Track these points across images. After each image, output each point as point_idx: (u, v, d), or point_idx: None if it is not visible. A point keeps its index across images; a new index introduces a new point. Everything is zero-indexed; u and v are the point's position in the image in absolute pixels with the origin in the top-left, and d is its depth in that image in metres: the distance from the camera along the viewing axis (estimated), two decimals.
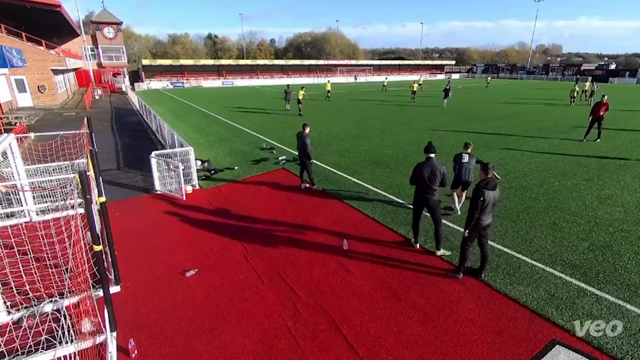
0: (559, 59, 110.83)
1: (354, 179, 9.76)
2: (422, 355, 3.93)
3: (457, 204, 7.67)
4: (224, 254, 6.18)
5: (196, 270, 5.60)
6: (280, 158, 11.97)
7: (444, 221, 6.73)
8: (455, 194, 7.66)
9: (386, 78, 48.82)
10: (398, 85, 49.94)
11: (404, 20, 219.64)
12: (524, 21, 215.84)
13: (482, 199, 4.79)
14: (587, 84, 31.31)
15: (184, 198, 8.62)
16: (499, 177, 6.81)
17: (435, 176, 5.63)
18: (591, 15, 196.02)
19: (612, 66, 78.44)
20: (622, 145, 14.03)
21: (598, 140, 14.39)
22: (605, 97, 14.59)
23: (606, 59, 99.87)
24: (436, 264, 5.73)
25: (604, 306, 4.67)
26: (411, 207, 6.43)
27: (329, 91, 32.59)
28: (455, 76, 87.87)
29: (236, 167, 11.12)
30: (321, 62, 79.11)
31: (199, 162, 10.70)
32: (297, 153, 9.49)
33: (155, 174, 9.10)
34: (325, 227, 7.11)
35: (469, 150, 7.37)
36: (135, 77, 55.33)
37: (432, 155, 5.79)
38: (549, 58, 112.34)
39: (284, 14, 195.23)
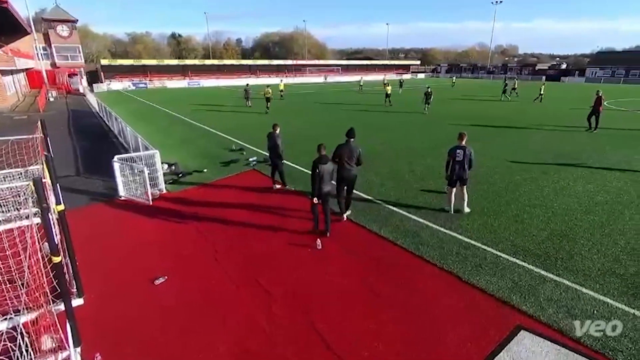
0: (516, 59, 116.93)
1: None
2: (399, 350, 4.01)
3: (452, 204, 7.50)
4: (195, 258, 6.01)
5: (166, 277, 5.41)
6: (250, 159, 11.81)
7: (423, 220, 6.87)
8: (452, 192, 7.41)
9: (362, 78, 49.65)
10: (371, 85, 50.66)
11: (370, 21, 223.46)
12: (483, 23, 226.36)
13: (317, 171, 6.26)
14: (516, 82, 35.76)
15: (151, 203, 8.29)
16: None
17: (353, 155, 6.90)
18: (544, 18, 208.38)
19: (563, 66, 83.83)
20: (575, 140, 15.04)
21: (596, 130, 16.38)
22: (600, 92, 16.66)
23: (558, 59, 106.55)
24: (413, 263, 5.87)
25: (562, 291, 4.98)
26: (380, 202, 6.57)
27: (281, 90, 33.39)
28: (420, 75, 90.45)
29: (205, 170, 10.84)
30: (289, 62, 78.88)
31: (166, 166, 10.34)
32: (267, 154, 9.41)
33: (119, 179, 8.70)
34: (299, 227, 7.08)
35: (464, 142, 7.18)
36: (93, 78, 52.55)
37: (352, 139, 6.99)
38: (507, 58, 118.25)
39: (250, 14, 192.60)
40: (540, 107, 26.77)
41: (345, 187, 7.25)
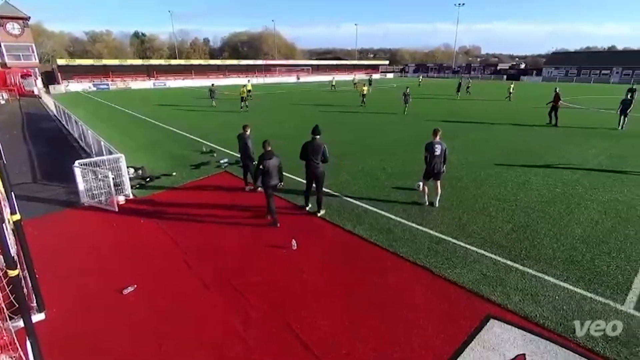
0: (479, 59, 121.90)
1: (298, 179, 9.78)
2: (376, 346, 4.07)
3: (426, 196, 7.89)
4: (166, 265, 5.81)
5: (135, 286, 5.19)
6: (222, 161, 11.58)
7: (396, 217, 7.00)
8: (425, 186, 7.80)
9: (334, 78, 50.88)
10: (343, 84, 51.12)
11: (339, 21, 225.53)
12: (448, 24, 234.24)
13: (261, 167, 6.70)
14: (470, 81, 38.64)
15: (117, 209, 7.93)
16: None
17: (318, 152, 7.06)
18: (502, 20, 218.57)
19: (522, 66, 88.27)
20: (536, 136, 15.89)
21: (552, 124, 17.98)
22: (557, 89, 18.80)
23: (517, 59, 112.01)
24: (387, 259, 5.97)
25: (527, 279, 5.24)
26: (353, 200, 6.63)
27: (249, 91, 32.79)
28: (389, 75, 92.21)
29: (174, 173, 10.52)
30: (259, 62, 78.06)
31: (132, 170, 9.93)
32: (239, 155, 9.26)
33: (81, 185, 8.26)
34: (273, 228, 7.03)
35: (438, 138, 7.53)
36: (50, 79, 49.57)
37: (317, 136, 7.13)
38: (470, 58, 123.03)
39: (217, 13, 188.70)
40: (506, 105, 28.08)
41: (315, 185, 7.42)
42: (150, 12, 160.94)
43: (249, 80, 38.86)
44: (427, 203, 7.89)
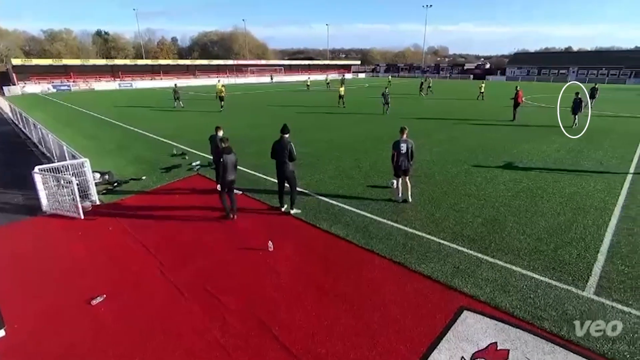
0: (446, 59, 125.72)
1: (274, 180, 9.70)
2: (354, 343, 4.10)
3: (399, 193, 8.06)
4: (137, 272, 5.60)
5: (104, 296, 4.97)
6: (194, 163, 11.29)
7: (371, 215, 7.08)
8: (399, 182, 7.99)
9: (309, 77, 51.37)
10: (316, 84, 51.22)
11: (311, 21, 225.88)
12: (417, 25, 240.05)
13: (222, 160, 6.85)
14: (430, 80, 40.12)
15: (82, 216, 7.56)
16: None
17: (285, 150, 7.10)
18: (467, 22, 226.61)
19: (487, 66, 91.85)
20: (502, 133, 16.57)
21: (513, 120, 19.43)
22: (518, 87, 20.12)
23: (482, 59, 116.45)
24: (363, 257, 6.02)
25: (496, 271, 5.46)
26: (330, 200, 6.66)
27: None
28: (361, 75, 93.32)
29: (144, 177, 10.15)
30: (230, 62, 76.80)
31: (98, 175, 9.50)
32: (211, 157, 9.07)
33: (42, 192, 7.81)
34: (248, 230, 6.94)
35: (405, 136, 7.76)
36: (4, 80, 46.53)
37: (286, 135, 7.22)
38: (438, 59, 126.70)
39: (184, 12, 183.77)
40: (477, 104, 29.11)
41: (286, 183, 7.48)
42: (112, 10, 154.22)
43: (219, 80, 38.26)
44: (401, 200, 8.06)
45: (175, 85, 29.99)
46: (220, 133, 8.61)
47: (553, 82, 63.68)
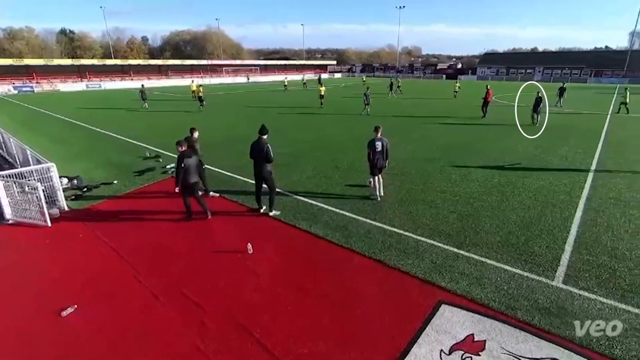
0: (420, 59, 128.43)
1: (252, 181, 9.59)
2: (336, 342, 4.12)
3: (377, 191, 8.23)
4: (110, 280, 5.40)
5: (75, 306, 4.76)
6: (168, 166, 11.00)
7: (350, 214, 7.13)
8: (376, 181, 8.18)
9: (286, 77, 51.12)
10: (293, 84, 51.07)
11: (285, 21, 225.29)
12: (391, 25, 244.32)
13: (182, 165, 6.80)
14: (400, 80, 41.54)
15: (49, 224, 7.20)
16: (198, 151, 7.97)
17: (262, 151, 7.02)
18: (439, 22, 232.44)
19: (459, 65, 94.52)
20: (474, 131, 17.09)
21: (484, 117, 20.49)
22: (488, 86, 21.61)
23: (454, 59, 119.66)
24: (343, 256, 6.06)
25: (472, 264, 5.62)
26: (309, 200, 6.66)
27: (194, 91, 31.95)
28: (337, 75, 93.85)
29: (115, 181, 9.79)
30: (204, 62, 75.39)
31: (66, 180, 9.10)
32: None
33: (4, 200, 7.39)
34: (227, 233, 6.84)
35: (379, 134, 7.95)
36: None
37: (264, 135, 7.16)
38: (412, 59, 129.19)
39: (155, 10, 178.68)
40: (452, 103, 29.87)
41: (265, 185, 7.43)
42: (78, 8, 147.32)
43: (192, 81, 37.89)
44: (379, 198, 8.18)
45: (142, 85, 29.67)
46: (196, 134, 8.44)
47: (521, 81, 66.35)
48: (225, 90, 45.40)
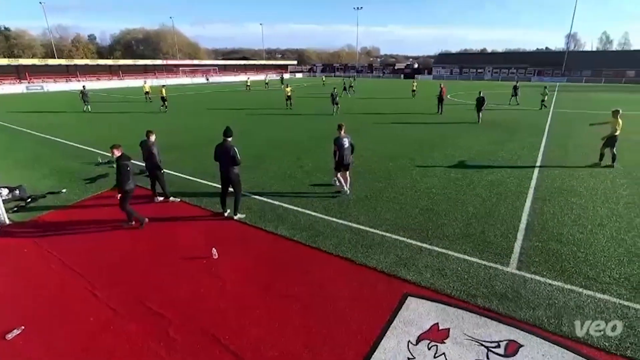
0: (379, 60, 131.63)
1: (214, 184, 9.34)
2: (306, 342, 4.11)
3: (345, 186, 8.48)
4: (63, 297, 5.02)
5: (22, 327, 4.38)
6: None
7: (316, 213, 7.13)
8: (339, 175, 8.39)
9: (249, 78, 50.80)
10: (255, 84, 50.31)
11: (243, 20, 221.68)
12: (349, 26, 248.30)
13: (128, 169, 6.72)
14: (352, 80, 42.57)
15: None
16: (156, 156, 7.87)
17: (228, 154, 6.84)
18: (395, 24, 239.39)
19: (416, 65, 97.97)
20: (433, 128, 17.79)
21: (440, 113, 22.24)
22: (442, 84, 23.56)
23: (411, 59, 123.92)
24: (310, 255, 6.06)
25: (434, 257, 5.86)
26: (274, 201, 6.61)
27: (147, 92, 30.85)
28: (298, 75, 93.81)
29: (64, 190, 9.12)
30: (159, 62, 72.29)
31: (6, 190, 8.36)
32: (143, 164, 8.46)
33: None
34: (190, 239, 6.60)
35: (343, 132, 8.18)
36: None
37: (229, 138, 6.97)
38: (371, 59, 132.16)
39: (102, 7, 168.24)
40: (410, 102, 30.83)
41: (230, 188, 7.26)
42: (12, 3, 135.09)
43: (145, 82, 36.34)
44: (348, 192, 8.45)
45: (84, 87, 27.63)
46: (153, 137, 8.08)
47: (473, 80, 70.08)
48: (184, 91, 43.78)
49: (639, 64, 64.39)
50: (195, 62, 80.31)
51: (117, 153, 6.72)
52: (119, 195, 6.72)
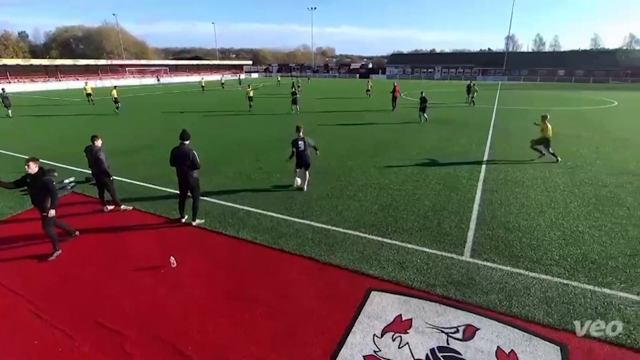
0: (334, 60, 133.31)
1: (170, 190, 8.93)
2: (273, 344, 4.07)
3: (303, 183, 8.75)
4: (4, 323, 4.54)
5: None
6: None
7: (278, 215, 7.04)
8: (299, 173, 8.63)
9: (202, 78, 49.88)
10: (211, 85, 48.76)
11: (193, 19, 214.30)
12: (304, 26, 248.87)
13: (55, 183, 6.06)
14: (299, 80, 44.77)
15: None
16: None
17: (186, 158, 6.60)
18: (348, 25, 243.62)
19: (370, 65, 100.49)
20: (388, 127, 18.33)
21: (394, 109, 23.65)
22: (395, 83, 25.30)
23: (365, 59, 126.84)
24: (273, 257, 5.99)
25: (395, 251, 6.04)
26: (234, 205, 6.47)
27: (89, 94, 29.23)
28: (254, 75, 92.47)
29: None
30: (103, 62, 67.80)
31: None
32: (90, 171, 7.89)
33: None
34: (146, 248, 6.26)
35: (301, 134, 8.37)
36: None
37: (186, 141, 6.72)
38: (327, 59, 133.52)
39: (33, 0, 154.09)
40: (366, 102, 31.47)
41: (190, 193, 7.00)
42: None
43: (86, 83, 34.10)
44: (296, 185, 8.75)
45: (3, 90, 24.99)
46: (98, 143, 7.56)
47: (424, 80, 73.27)
48: (133, 92, 41.35)
49: (568, 64, 71.08)
50: (144, 62, 76.35)
51: (35, 168, 5.80)
52: (48, 214, 5.84)
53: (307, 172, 8.71)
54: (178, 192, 7.14)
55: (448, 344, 4.03)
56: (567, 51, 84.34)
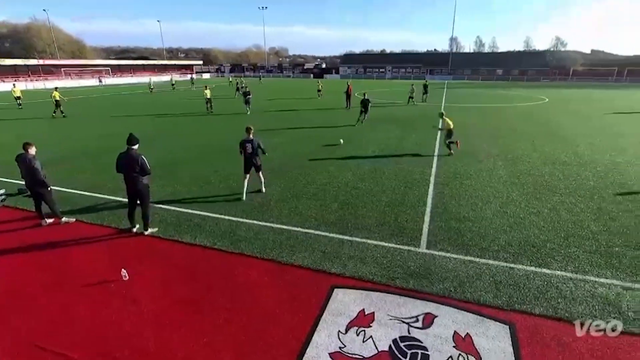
0: (288, 60, 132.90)
1: (116, 198, 8.37)
2: (238, 351, 3.97)
3: (244, 189, 8.35)
4: None
5: None
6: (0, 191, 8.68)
7: (236, 218, 6.85)
8: (246, 179, 8.32)
9: (151, 79, 47.91)
10: (159, 86, 46.24)
11: (138, 16, 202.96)
12: (256, 26, 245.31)
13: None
14: (243, 80, 44.26)
15: None
16: None
17: (135, 164, 6.27)
18: (300, 25, 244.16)
19: (324, 65, 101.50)
20: (343, 127, 18.61)
21: (348, 108, 24.44)
22: (349, 82, 26.63)
23: (319, 59, 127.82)
24: (233, 261, 5.84)
25: (355, 247, 6.16)
26: (189, 211, 6.21)
27: (18, 97, 27.00)
28: (206, 75, 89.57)
29: None
30: (34, 61, 61.95)
31: None
32: (23, 182, 7.18)
33: None
34: (93, 263, 5.81)
35: (251, 135, 8.13)
36: None
37: (134, 146, 6.40)
38: (280, 59, 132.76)
39: None
40: (317, 102, 31.66)
41: (139, 201, 6.61)
42: None
43: (14, 85, 31.12)
44: (244, 196, 8.29)
45: None
46: (32, 150, 6.89)
47: (376, 79, 75.44)
48: (73, 94, 38.18)
49: (505, 64, 76.91)
50: (82, 61, 70.87)
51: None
52: None
53: (260, 174, 8.52)
54: (127, 200, 6.72)
55: (409, 333, 4.19)
56: (504, 52, 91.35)
